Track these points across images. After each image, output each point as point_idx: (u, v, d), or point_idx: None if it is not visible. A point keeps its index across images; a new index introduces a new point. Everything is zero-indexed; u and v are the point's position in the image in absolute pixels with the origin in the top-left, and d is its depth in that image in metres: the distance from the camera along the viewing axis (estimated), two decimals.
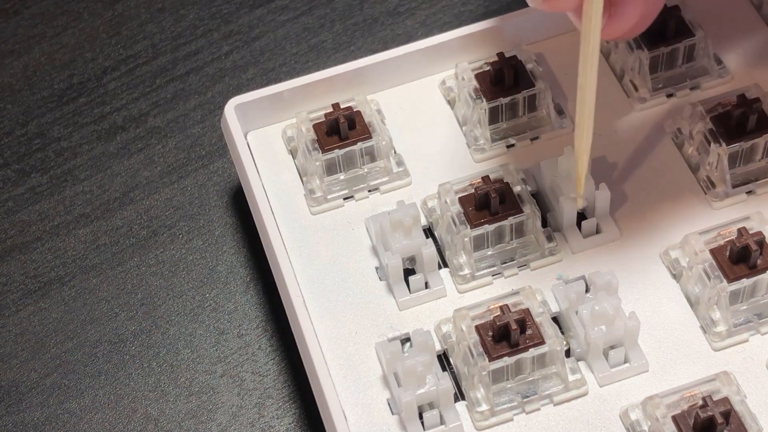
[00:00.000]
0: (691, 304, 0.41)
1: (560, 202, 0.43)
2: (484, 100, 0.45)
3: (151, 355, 0.46)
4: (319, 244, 0.44)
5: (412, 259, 0.43)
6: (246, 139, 0.47)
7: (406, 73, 0.48)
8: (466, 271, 0.42)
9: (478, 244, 0.42)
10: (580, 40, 0.39)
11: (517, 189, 0.42)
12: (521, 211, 0.42)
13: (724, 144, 0.43)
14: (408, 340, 0.41)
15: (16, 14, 0.57)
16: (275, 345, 0.46)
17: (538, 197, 0.44)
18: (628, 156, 0.45)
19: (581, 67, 0.39)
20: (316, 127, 0.45)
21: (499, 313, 0.39)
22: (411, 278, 0.42)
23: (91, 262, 0.49)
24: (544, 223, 0.43)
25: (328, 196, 0.45)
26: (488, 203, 0.42)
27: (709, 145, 0.43)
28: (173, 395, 0.45)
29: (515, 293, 0.41)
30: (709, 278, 0.40)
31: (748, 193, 0.44)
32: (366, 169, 0.45)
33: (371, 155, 0.45)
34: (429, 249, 0.42)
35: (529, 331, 0.39)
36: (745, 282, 0.40)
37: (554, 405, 0.40)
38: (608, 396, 0.40)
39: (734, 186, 0.43)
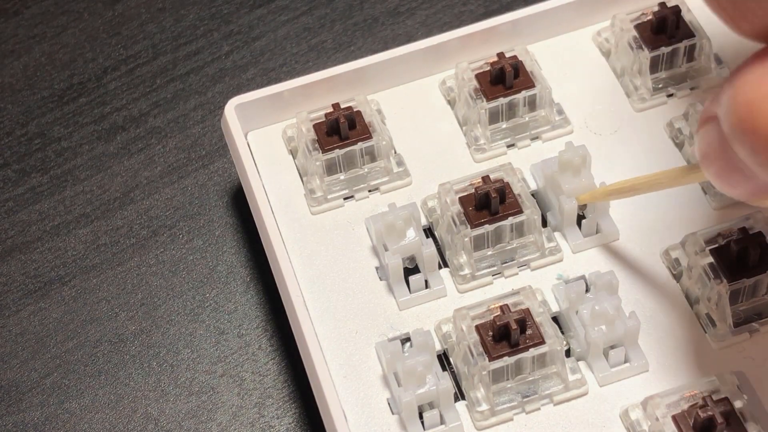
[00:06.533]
0: (691, 304, 0.41)
1: (560, 202, 0.43)
2: (484, 100, 0.45)
3: (151, 355, 0.46)
4: (319, 244, 0.44)
5: (412, 259, 0.43)
6: (246, 139, 0.47)
7: (406, 73, 0.48)
8: (466, 271, 0.42)
9: (478, 244, 0.42)
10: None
11: (517, 189, 0.42)
12: (521, 211, 0.42)
13: None
14: (408, 340, 0.41)
15: (16, 14, 0.57)
16: (275, 345, 0.46)
17: (538, 197, 0.44)
18: (628, 156, 0.45)
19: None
20: (316, 127, 0.45)
21: (499, 313, 0.39)
22: (411, 278, 0.42)
23: (91, 262, 0.49)
24: (544, 223, 0.43)
25: (328, 196, 0.45)
26: (488, 203, 0.42)
27: None
28: (173, 395, 0.45)
29: (515, 293, 0.41)
30: (709, 278, 0.40)
31: None
32: (366, 169, 0.45)
33: (371, 155, 0.45)
34: (429, 249, 0.42)
35: (529, 331, 0.39)
36: (746, 282, 0.40)
37: (554, 405, 0.40)
38: (608, 396, 0.40)
39: None
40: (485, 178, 0.42)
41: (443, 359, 0.41)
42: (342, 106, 0.45)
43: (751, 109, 0.25)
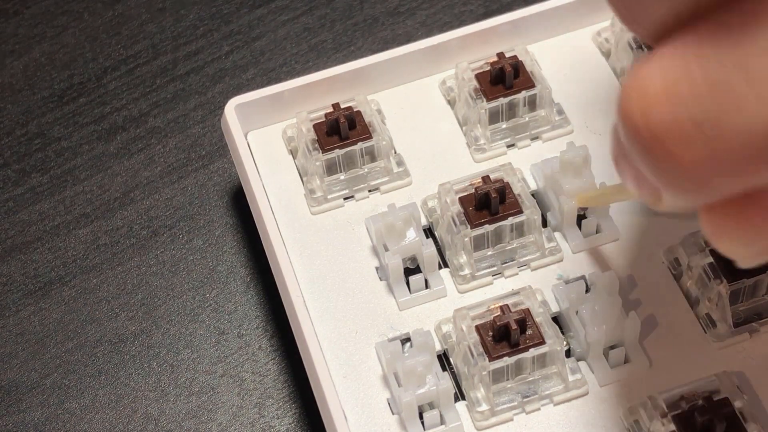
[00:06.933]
0: (691, 305, 0.41)
1: (560, 202, 0.43)
2: (484, 100, 0.45)
3: (151, 355, 0.46)
4: (319, 244, 0.44)
5: (412, 259, 0.43)
6: (246, 139, 0.47)
7: (406, 73, 0.48)
8: (466, 271, 0.42)
9: (478, 244, 0.42)
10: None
11: (517, 189, 0.42)
12: (521, 211, 0.42)
13: None
14: (408, 340, 0.41)
15: (16, 14, 0.57)
16: (275, 345, 0.46)
17: (538, 197, 0.44)
18: None
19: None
20: (316, 127, 0.45)
21: (499, 313, 0.39)
22: (411, 278, 0.42)
23: (91, 262, 0.49)
24: (544, 223, 0.43)
25: (328, 196, 0.45)
26: (488, 203, 0.42)
27: None
28: (173, 395, 0.45)
29: (515, 293, 0.41)
30: (709, 278, 0.40)
31: None
32: (366, 169, 0.45)
33: (371, 155, 0.45)
34: (429, 249, 0.42)
35: (529, 331, 0.39)
36: (746, 282, 0.40)
37: (554, 405, 0.40)
38: (608, 396, 0.40)
39: None
40: (485, 178, 0.42)
41: (443, 359, 0.41)
42: (342, 106, 0.45)
43: (626, 96, 0.26)
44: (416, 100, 0.48)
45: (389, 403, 0.40)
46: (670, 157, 0.25)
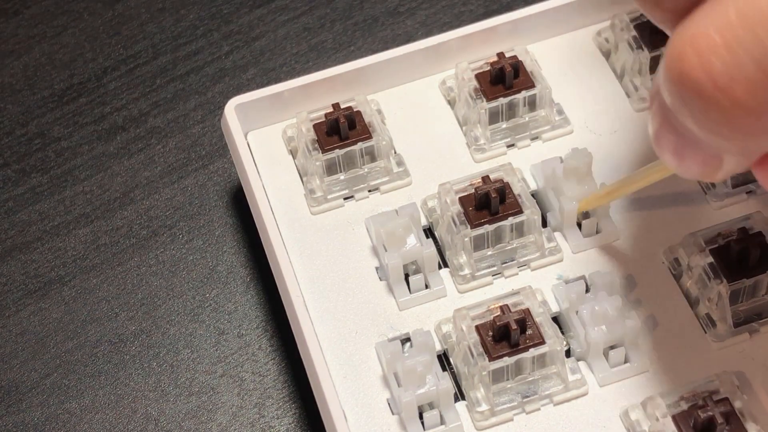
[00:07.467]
0: (691, 305, 0.41)
1: (560, 202, 0.43)
2: (484, 100, 0.45)
3: (151, 355, 0.46)
4: (319, 244, 0.44)
5: (413, 261, 0.43)
6: (246, 139, 0.47)
7: (406, 73, 0.48)
8: (466, 271, 0.42)
9: (478, 244, 0.42)
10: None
11: (517, 189, 0.42)
12: (521, 211, 0.42)
13: None
14: (408, 340, 0.41)
15: (16, 14, 0.57)
16: (275, 345, 0.46)
17: (538, 197, 0.44)
18: (628, 156, 0.45)
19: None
20: (316, 127, 0.45)
21: (499, 313, 0.39)
22: (411, 278, 0.42)
23: (92, 262, 0.49)
24: (544, 223, 0.43)
25: (328, 196, 0.45)
26: (488, 203, 0.42)
27: None
28: (173, 395, 0.45)
29: (515, 293, 0.41)
30: (709, 278, 0.40)
31: (748, 192, 0.44)
32: (366, 169, 0.45)
33: (371, 155, 0.45)
34: (429, 249, 0.42)
35: (529, 331, 0.39)
36: (746, 282, 0.40)
37: (554, 405, 0.40)
38: (608, 396, 0.40)
39: (734, 186, 0.43)
40: (485, 178, 0.42)
41: (443, 359, 0.41)
42: (342, 106, 0.45)
43: (680, 56, 0.26)
44: (416, 100, 0.48)
45: (389, 403, 0.40)
46: (737, 104, 0.25)
